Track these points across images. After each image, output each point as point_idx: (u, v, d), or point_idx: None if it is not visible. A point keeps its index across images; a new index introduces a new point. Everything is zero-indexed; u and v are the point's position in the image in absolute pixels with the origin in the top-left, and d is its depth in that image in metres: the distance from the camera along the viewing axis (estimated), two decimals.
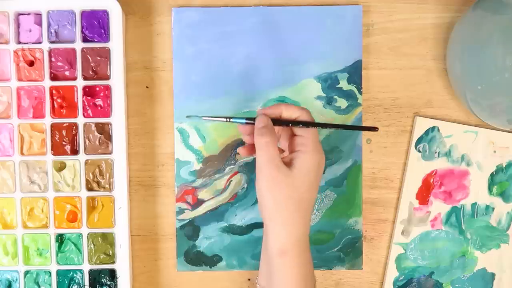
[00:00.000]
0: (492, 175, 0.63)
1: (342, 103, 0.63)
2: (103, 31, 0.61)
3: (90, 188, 0.61)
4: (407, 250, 0.63)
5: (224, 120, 0.55)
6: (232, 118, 0.55)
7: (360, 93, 0.63)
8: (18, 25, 0.61)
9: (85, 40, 0.61)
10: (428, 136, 0.63)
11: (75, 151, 0.61)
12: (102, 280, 0.61)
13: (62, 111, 0.61)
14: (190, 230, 0.63)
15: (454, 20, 0.63)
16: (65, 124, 0.61)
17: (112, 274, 0.61)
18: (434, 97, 0.63)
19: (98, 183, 0.61)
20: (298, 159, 0.52)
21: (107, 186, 0.61)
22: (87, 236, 0.61)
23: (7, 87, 0.61)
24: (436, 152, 0.63)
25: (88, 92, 0.61)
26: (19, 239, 0.61)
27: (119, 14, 0.60)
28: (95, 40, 0.61)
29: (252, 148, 0.55)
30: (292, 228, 0.52)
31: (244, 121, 0.55)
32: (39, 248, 0.61)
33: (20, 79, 0.61)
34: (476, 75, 0.56)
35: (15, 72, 0.61)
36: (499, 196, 0.63)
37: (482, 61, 0.55)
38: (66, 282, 0.61)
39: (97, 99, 0.61)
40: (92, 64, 0.61)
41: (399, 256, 0.63)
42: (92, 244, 0.61)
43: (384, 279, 0.64)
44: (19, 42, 0.61)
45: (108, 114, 0.61)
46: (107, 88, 0.61)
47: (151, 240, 0.63)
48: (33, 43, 0.61)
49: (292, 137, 0.55)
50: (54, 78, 0.61)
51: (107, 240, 0.61)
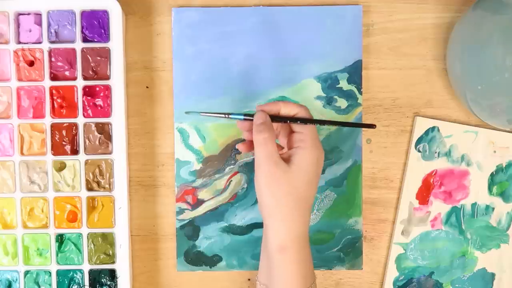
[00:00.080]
0: (492, 175, 0.63)
1: (342, 103, 0.63)
2: (103, 31, 0.61)
3: (90, 188, 0.61)
4: (407, 250, 0.63)
5: (223, 116, 0.55)
6: (231, 114, 0.55)
7: (360, 93, 0.63)
8: (18, 25, 0.61)
9: (85, 40, 0.61)
10: (428, 136, 0.63)
11: (75, 151, 0.61)
12: (102, 280, 0.61)
13: (62, 111, 0.61)
14: (190, 230, 0.63)
15: (454, 20, 0.63)
16: (65, 124, 0.61)
17: (112, 274, 0.61)
18: (434, 97, 0.63)
19: (98, 183, 0.61)
20: (297, 155, 0.52)
21: (107, 186, 0.61)
22: (87, 236, 0.61)
23: (7, 87, 0.61)
24: (436, 152, 0.63)
25: (88, 92, 0.61)
26: (19, 239, 0.61)
27: (119, 14, 0.60)
28: (95, 40, 0.61)
29: (251, 144, 0.55)
30: (291, 224, 0.52)
31: (242, 117, 0.55)
32: (39, 248, 0.61)
33: (20, 79, 0.61)
34: (476, 75, 0.56)
35: (15, 72, 0.61)
36: (499, 196, 0.63)
37: (482, 61, 0.55)
38: (66, 282, 0.61)
39: (97, 99, 0.61)
40: (92, 64, 0.61)
41: (399, 256, 0.63)
42: (92, 244, 0.61)
43: (384, 279, 0.64)
44: (19, 42, 0.61)
45: (108, 114, 0.61)
46: (107, 88, 0.61)
47: (151, 240, 0.63)
48: (33, 43, 0.61)
49: (291, 133, 0.55)
50: (54, 78, 0.61)
51: (107, 240, 0.61)
